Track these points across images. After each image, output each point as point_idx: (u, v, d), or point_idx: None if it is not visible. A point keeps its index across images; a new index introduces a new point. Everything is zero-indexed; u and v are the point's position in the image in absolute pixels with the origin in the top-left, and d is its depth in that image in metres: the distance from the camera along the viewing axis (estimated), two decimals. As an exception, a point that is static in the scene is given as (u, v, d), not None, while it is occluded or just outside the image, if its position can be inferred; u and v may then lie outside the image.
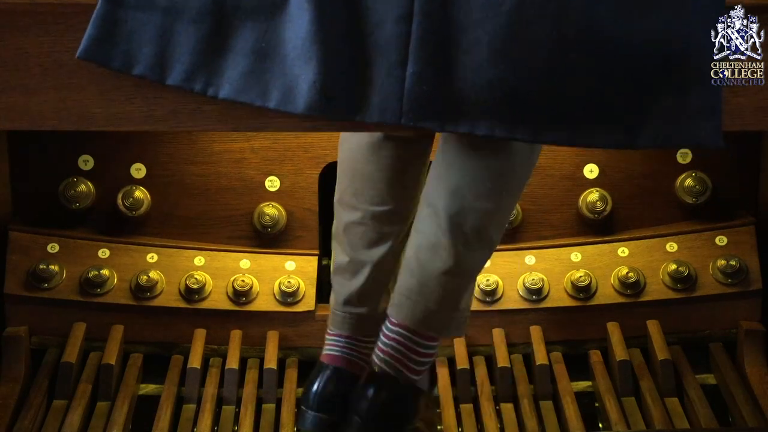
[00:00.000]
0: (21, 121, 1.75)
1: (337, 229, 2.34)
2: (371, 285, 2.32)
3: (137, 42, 1.70)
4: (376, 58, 1.70)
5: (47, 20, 1.71)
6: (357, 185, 2.27)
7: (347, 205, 2.29)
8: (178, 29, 1.70)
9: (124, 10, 1.70)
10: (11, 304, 2.74)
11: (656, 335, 2.72)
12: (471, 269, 2.23)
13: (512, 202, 2.21)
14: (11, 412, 2.53)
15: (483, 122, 1.70)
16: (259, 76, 1.69)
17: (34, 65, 1.72)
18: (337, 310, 2.35)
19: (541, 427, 2.54)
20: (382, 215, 2.27)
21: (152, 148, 2.84)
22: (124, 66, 1.71)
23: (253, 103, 1.70)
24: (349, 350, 2.34)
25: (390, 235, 2.30)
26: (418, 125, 1.71)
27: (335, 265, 2.36)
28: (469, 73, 1.68)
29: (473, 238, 2.17)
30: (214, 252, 2.83)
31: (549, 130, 1.70)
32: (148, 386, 2.71)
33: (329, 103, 1.68)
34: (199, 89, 1.71)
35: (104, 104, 1.74)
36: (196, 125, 1.74)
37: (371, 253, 2.30)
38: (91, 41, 1.70)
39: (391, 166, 2.24)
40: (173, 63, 1.70)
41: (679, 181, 2.86)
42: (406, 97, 1.70)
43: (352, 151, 2.26)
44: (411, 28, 1.68)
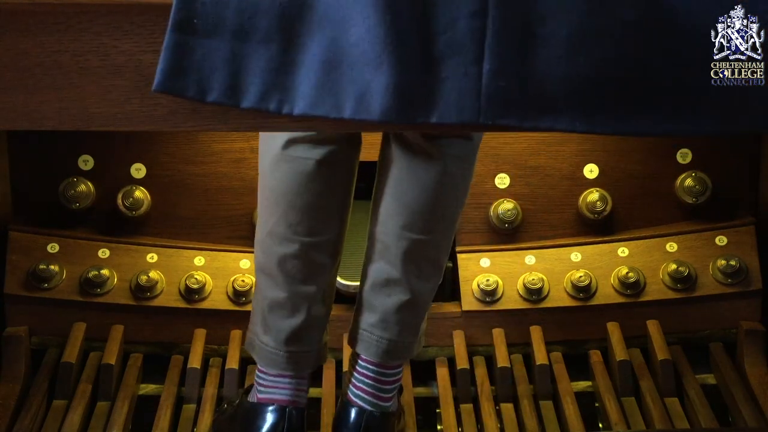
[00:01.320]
0: (21, 121, 1.74)
1: (266, 262, 2.28)
2: (312, 321, 2.30)
3: (209, 69, 1.68)
4: (450, 56, 1.65)
5: (47, 20, 1.71)
6: (292, 217, 2.23)
7: (280, 238, 2.24)
8: (247, 51, 1.68)
9: (193, 37, 1.68)
10: (11, 304, 2.74)
11: (656, 335, 2.72)
12: (427, 297, 2.36)
13: (457, 222, 2.33)
14: (11, 412, 2.53)
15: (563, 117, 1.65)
16: (331, 87, 1.65)
17: (34, 65, 1.72)
18: (279, 350, 2.31)
19: (541, 427, 2.54)
20: (318, 246, 2.25)
21: (152, 148, 2.84)
22: (199, 94, 1.68)
23: (329, 115, 1.66)
24: (293, 390, 2.33)
25: (325, 267, 2.28)
26: (497, 123, 1.67)
27: (268, 301, 2.30)
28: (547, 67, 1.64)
29: (426, 270, 2.30)
30: (214, 252, 2.83)
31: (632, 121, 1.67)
32: (148, 386, 2.71)
33: (405, 106, 1.64)
34: (274, 108, 1.68)
35: (104, 104, 1.73)
36: (196, 125, 1.74)
37: (309, 287, 2.28)
38: (165, 74, 1.68)
39: (325, 194, 2.22)
40: (246, 86, 1.68)
41: (679, 181, 2.86)
42: (483, 95, 1.65)
43: (284, 183, 2.22)
44: (486, 22, 1.63)
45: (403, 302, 2.30)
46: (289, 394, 2.33)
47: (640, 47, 1.65)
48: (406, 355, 2.37)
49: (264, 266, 2.29)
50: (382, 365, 2.34)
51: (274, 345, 2.31)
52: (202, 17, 1.67)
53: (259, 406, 2.33)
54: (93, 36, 1.71)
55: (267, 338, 2.32)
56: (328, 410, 2.54)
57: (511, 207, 2.83)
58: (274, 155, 2.21)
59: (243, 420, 2.36)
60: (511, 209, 2.83)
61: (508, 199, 2.85)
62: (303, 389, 2.36)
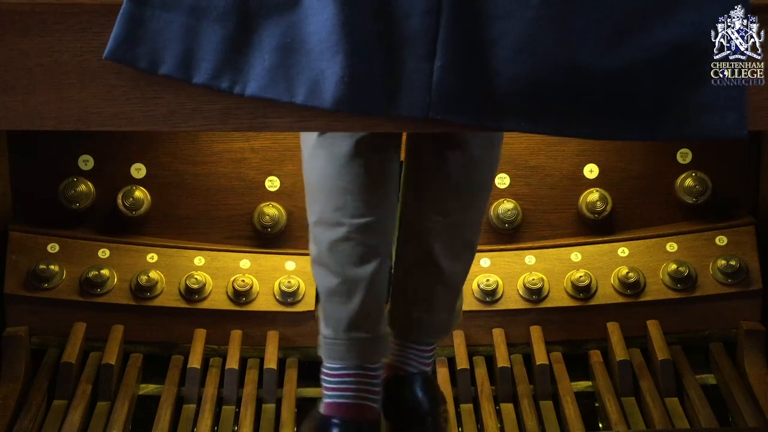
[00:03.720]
0: (21, 121, 1.74)
1: (318, 252, 2.23)
2: (370, 306, 2.22)
3: (163, 42, 1.69)
4: (403, 51, 1.67)
5: (47, 20, 1.71)
6: (337, 200, 2.20)
7: (328, 224, 2.21)
8: (203, 28, 1.69)
9: (150, 9, 1.69)
10: (11, 304, 2.74)
11: (656, 335, 2.72)
12: (460, 276, 2.35)
13: (486, 201, 2.33)
14: (11, 412, 2.53)
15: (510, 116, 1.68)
16: (285, 72, 1.67)
17: (34, 65, 1.72)
18: (339, 338, 2.23)
19: (541, 427, 2.54)
20: (366, 227, 2.21)
21: (152, 148, 2.84)
22: (150, 66, 1.69)
23: (280, 99, 1.68)
24: (361, 391, 2.23)
25: (377, 248, 2.22)
26: (446, 119, 1.69)
27: (325, 290, 2.23)
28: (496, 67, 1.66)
29: (457, 250, 2.30)
30: (214, 252, 2.83)
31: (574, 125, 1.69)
32: (148, 386, 2.71)
33: (357, 97, 1.66)
34: (225, 87, 1.69)
35: (104, 104, 1.73)
36: (196, 125, 1.74)
37: (362, 270, 2.21)
38: (117, 42, 1.69)
39: (366, 175, 2.20)
40: (199, 62, 1.69)
41: (679, 181, 2.86)
42: (434, 91, 1.67)
43: (324, 168, 2.20)
44: (439, 20, 1.66)
45: (437, 282, 2.30)
46: (355, 396, 2.22)
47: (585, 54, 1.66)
48: (443, 332, 2.39)
49: (317, 257, 2.25)
50: (420, 343, 2.35)
51: (334, 335, 2.23)
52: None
53: (327, 421, 2.22)
54: (93, 36, 1.71)
55: (328, 330, 2.24)
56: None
57: (511, 207, 2.83)
58: (312, 144, 2.20)
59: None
60: (511, 209, 2.83)
61: (508, 199, 2.85)
62: (371, 390, 2.24)
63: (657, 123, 1.70)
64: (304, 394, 2.68)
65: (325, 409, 2.23)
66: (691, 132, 1.72)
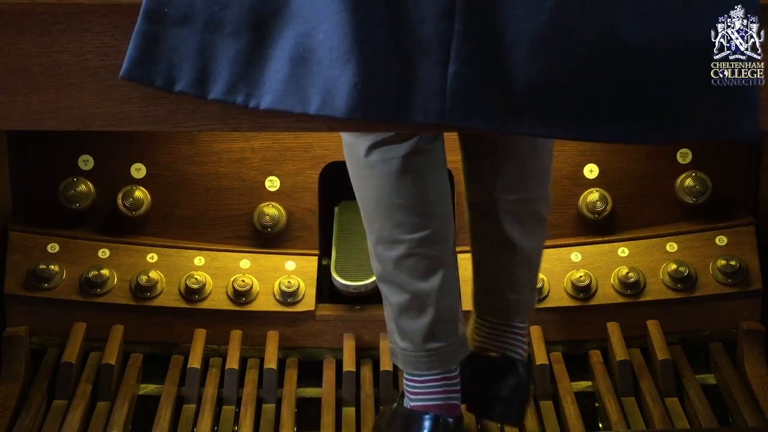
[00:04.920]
0: (21, 121, 1.75)
1: (383, 270, 2.25)
2: (443, 315, 2.25)
3: (178, 59, 1.69)
4: (417, 57, 1.66)
5: (47, 20, 1.71)
6: (395, 218, 2.20)
7: (389, 242, 2.22)
8: (217, 43, 1.69)
9: (164, 27, 1.69)
10: (11, 304, 2.74)
11: (656, 335, 2.72)
12: (537, 252, 2.37)
13: (549, 174, 2.33)
14: (11, 412, 2.53)
15: (525, 120, 1.67)
16: (299, 82, 1.66)
17: (34, 65, 1.72)
18: (419, 352, 2.26)
19: (541, 427, 2.54)
20: (426, 240, 2.22)
21: (152, 148, 2.84)
22: (166, 83, 1.69)
23: (294, 110, 1.67)
24: (444, 393, 2.28)
25: (440, 258, 2.24)
26: (462, 125, 1.68)
27: (396, 306, 2.25)
28: (511, 71, 1.65)
29: (530, 226, 2.31)
30: (214, 252, 2.83)
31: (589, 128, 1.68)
32: (148, 386, 2.71)
33: (370, 104, 1.65)
34: (241, 101, 1.69)
35: (104, 104, 1.73)
36: (196, 125, 1.74)
37: (430, 282, 2.23)
38: (132, 62, 1.69)
39: (419, 189, 2.20)
40: (214, 77, 1.69)
41: (679, 181, 2.86)
42: (448, 96, 1.66)
43: (377, 187, 2.20)
44: (453, 24, 1.65)
45: (515, 261, 2.31)
46: (442, 398, 2.27)
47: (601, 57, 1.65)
48: (528, 311, 2.39)
49: (382, 275, 2.26)
50: (509, 323, 2.37)
51: (413, 348, 2.26)
52: (173, 7, 1.68)
53: (415, 413, 2.28)
54: (93, 36, 1.71)
55: (405, 343, 2.27)
56: (328, 410, 2.54)
57: (511, 207, 2.83)
58: (359, 166, 2.20)
59: (400, 425, 2.32)
60: (511, 209, 2.83)
61: (508, 199, 2.85)
62: (454, 390, 2.29)
63: (674, 125, 1.69)
64: (304, 394, 2.68)
65: (411, 408, 2.30)
66: (707, 134, 1.71)
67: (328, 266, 2.82)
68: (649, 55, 1.66)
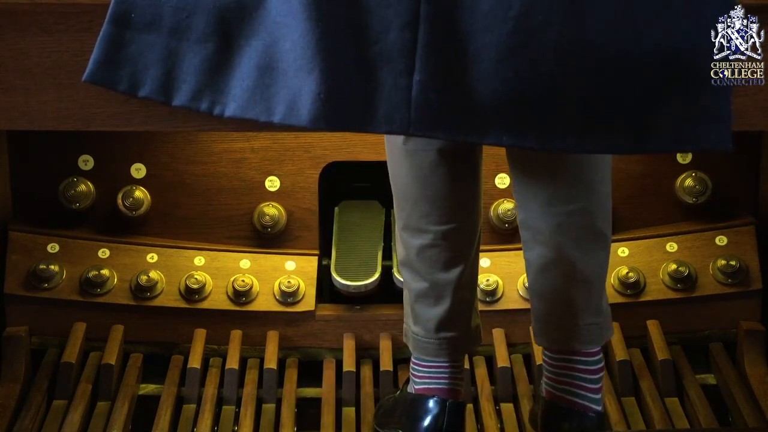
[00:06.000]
0: (21, 121, 1.75)
1: (407, 255, 2.27)
2: (458, 307, 2.27)
3: (143, 64, 1.69)
4: (381, 67, 1.66)
5: (47, 20, 1.71)
6: (422, 209, 2.22)
7: (415, 230, 2.24)
8: (183, 50, 1.69)
9: (130, 32, 1.69)
10: (11, 304, 2.74)
11: (656, 335, 2.72)
12: (595, 271, 2.23)
13: (606, 186, 2.21)
14: (11, 412, 2.53)
15: (492, 131, 1.67)
16: (264, 91, 1.67)
17: (34, 65, 1.72)
18: (430, 338, 2.29)
19: (542, 427, 2.54)
20: (451, 233, 2.22)
21: (152, 148, 2.84)
22: (130, 88, 1.70)
23: (258, 119, 1.68)
24: (451, 379, 2.30)
25: (462, 255, 2.25)
26: (426, 135, 1.69)
27: (414, 292, 2.28)
28: (476, 81, 1.65)
29: (584, 240, 2.19)
30: (214, 252, 2.83)
31: (557, 138, 1.68)
32: (148, 386, 2.71)
33: (334, 114, 1.65)
34: (205, 108, 1.70)
35: (104, 104, 1.74)
36: (196, 125, 1.74)
37: (450, 274, 2.24)
38: (96, 65, 1.69)
39: (450, 184, 2.20)
40: (179, 84, 1.69)
41: (679, 181, 2.86)
42: (413, 106, 1.66)
43: (408, 176, 2.21)
44: (417, 34, 1.65)
45: (569, 282, 2.21)
46: (447, 383, 2.30)
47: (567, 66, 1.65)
48: (594, 339, 2.25)
49: (405, 260, 2.29)
50: (570, 353, 2.25)
51: (424, 334, 2.29)
52: (140, 12, 1.68)
53: (421, 397, 2.30)
54: (93, 36, 1.72)
55: (417, 328, 2.30)
56: (328, 410, 2.54)
57: (511, 207, 2.83)
58: (397, 152, 2.21)
59: (404, 410, 2.34)
60: (511, 209, 2.83)
61: (508, 199, 2.85)
62: (459, 378, 2.32)
63: (642, 135, 1.68)
64: (304, 394, 2.68)
65: (421, 390, 2.31)
66: (677, 145, 1.71)
67: (328, 266, 2.82)
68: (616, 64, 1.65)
